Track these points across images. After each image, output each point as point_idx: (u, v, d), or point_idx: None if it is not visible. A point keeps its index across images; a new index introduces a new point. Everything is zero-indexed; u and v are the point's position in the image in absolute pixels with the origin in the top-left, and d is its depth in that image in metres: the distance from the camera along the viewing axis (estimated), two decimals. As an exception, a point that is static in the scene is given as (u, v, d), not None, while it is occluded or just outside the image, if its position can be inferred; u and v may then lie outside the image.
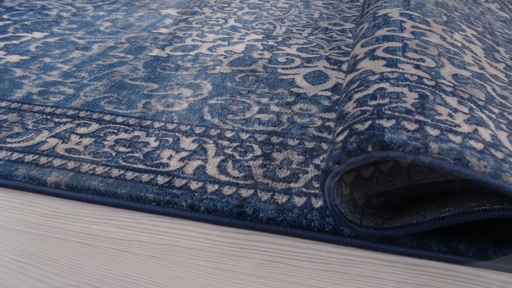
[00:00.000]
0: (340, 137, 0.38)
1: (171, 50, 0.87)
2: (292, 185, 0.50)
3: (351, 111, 0.41)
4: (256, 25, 1.01)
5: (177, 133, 0.60)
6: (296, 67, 0.80)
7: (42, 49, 0.87)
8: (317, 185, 0.50)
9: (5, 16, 1.05)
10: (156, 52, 0.86)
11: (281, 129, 0.61)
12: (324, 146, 0.57)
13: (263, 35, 0.95)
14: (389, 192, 0.39)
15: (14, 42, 0.90)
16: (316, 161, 0.54)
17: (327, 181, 0.37)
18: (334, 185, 0.38)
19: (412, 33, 0.56)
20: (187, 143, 0.58)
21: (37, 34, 0.94)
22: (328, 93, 0.70)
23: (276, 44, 0.90)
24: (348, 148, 0.36)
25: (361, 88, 0.45)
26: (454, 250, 0.42)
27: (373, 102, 0.41)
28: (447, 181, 0.36)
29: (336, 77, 0.76)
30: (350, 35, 0.95)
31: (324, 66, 0.80)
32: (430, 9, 0.68)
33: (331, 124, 0.62)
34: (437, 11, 0.68)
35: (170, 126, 0.62)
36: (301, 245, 0.44)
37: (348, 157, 0.35)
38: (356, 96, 0.44)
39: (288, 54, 0.85)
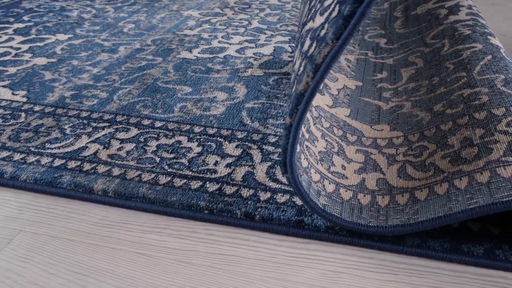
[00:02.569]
0: None
1: (199, 52, 0.86)
2: (345, 192, 0.49)
3: None
4: (281, 26, 1.00)
5: (218, 138, 0.59)
6: (329, 69, 0.78)
7: (68, 52, 0.85)
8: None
9: (25, 18, 1.03)
10: (184, 54, 0.85)
11: (324, 134, 0.60)
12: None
13: (289, 37, 0.94)
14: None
15: (39, 44, 0.89)
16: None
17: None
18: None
19: None
20: (231, 149, 0.57)
21: (60, 36, 0.93)
22: (366, 97, 0.69)
23: (304, 46, 0.89)
24: None
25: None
26: (522, 259, 0.41)
27: None
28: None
29: (370, 80, 0.75)
30: (377, 37, 0.94)
31: (356, 69, 0.79)
32: None
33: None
34: None
35: (210, 131, 0.61)
36: (363, 255, 0.43)
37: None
38: None
39: (318, 57, 0.84)
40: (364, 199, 0.44)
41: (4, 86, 0.72)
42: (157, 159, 0.55)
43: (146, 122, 0.63)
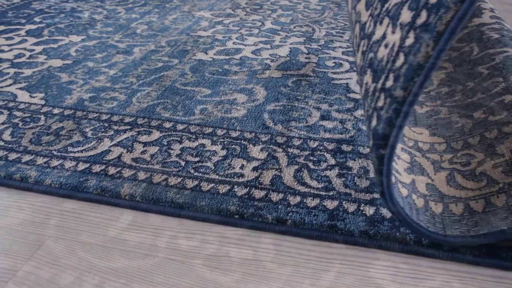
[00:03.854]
0: None
1: (214, 54, 0.85)
2: (376, 195, 0.49)
3: None
4: (294, 27, 0.99)
5: (242, 140, 0.58)
6: (347, 71, 0.78)
7: (82, 53, 0.85)
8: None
9: (36, 19, 1.02)
10: (199, 55, 0.84)
11: (349, 137, 0.59)
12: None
13: (304, 38, 0.93)
14: None
15: (53, 45, 0.88)
16: (393, 170, 0.53)
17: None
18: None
19: None
20: (256, 152, 0.56)
21: (73, 38, 0.92)
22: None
23: (320, 48, 0.88)
24: None
25: None
26: (561, 264, 0.41)
27: None
28: None
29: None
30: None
31: (375, 70, 0.78)
32: None
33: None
34: None
35: (233, 134, 0.60)
36: (399, 260, 0.43)
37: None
38: None
39: (335, 58, 0.83)
40: (418, 202, 0.43)
41: (21, 89, 0.71)
42: (182, 163, 0.54)
43: (167, 124, 0.62)
